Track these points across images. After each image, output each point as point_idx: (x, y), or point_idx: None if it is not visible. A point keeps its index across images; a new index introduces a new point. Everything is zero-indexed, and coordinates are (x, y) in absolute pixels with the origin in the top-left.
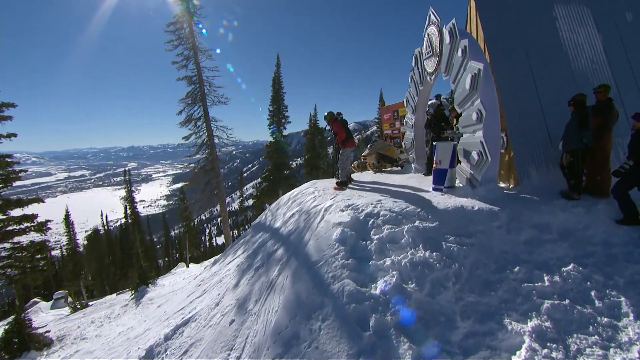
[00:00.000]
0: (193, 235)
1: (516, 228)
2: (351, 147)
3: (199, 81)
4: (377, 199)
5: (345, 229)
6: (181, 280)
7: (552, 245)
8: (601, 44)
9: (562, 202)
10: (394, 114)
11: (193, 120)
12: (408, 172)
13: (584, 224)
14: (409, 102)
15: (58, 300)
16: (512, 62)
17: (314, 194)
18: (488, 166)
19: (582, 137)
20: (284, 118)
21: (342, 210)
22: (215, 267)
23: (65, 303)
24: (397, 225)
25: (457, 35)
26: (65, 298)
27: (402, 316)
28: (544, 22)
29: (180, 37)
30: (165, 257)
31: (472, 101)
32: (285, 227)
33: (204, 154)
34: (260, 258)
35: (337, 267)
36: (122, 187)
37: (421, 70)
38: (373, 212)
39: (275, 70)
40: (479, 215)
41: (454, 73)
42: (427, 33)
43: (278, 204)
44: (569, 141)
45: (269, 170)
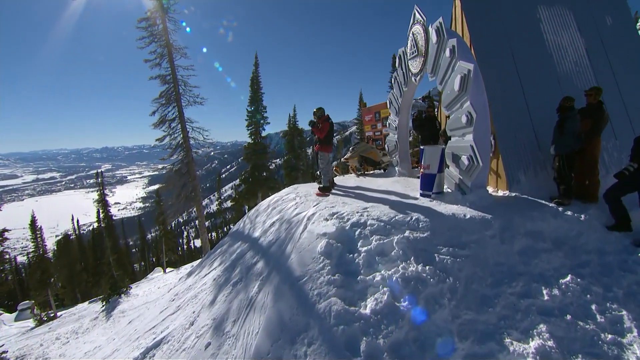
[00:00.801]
0: (170, 239)
1: (510, 237)
2: (327, 152)
3: (173, 80)
4: (363, 206)
5: (330, 241)
6: (156, 289)
7: (547, 255)
8: (584, 47)
9: (553, 208)
10: (376, 115)
11: (167, 121)
12: (392, 175)
13: (577, 230)
14: (392, 103)
15: (23, 311)
16: (498, 64)
17: (296, 201)
18: (479, 172)
19: (565, 141)
20: (262, 119)
21: (326, 220)
22: (190, 279)
23: (31, 314)
24: (386, 235)
25: (444, 35)
26: (31, 309)
27: (396, 338)
28: (529, 23)
29: (153, 33)
30: (142, 261)
31: (461, 103)
32: (265, 237)
33: (179, 157)
34: (238, 272)
35: (323, 283)
36: (95, 189)
37: (405, 70)
38: (360, 222)
39: (254, 70)
40: (472, 224)
41: (441, 74)
42: (411, 32)
43: (257, 211)
44: (555, 145)
45: (248, 172)
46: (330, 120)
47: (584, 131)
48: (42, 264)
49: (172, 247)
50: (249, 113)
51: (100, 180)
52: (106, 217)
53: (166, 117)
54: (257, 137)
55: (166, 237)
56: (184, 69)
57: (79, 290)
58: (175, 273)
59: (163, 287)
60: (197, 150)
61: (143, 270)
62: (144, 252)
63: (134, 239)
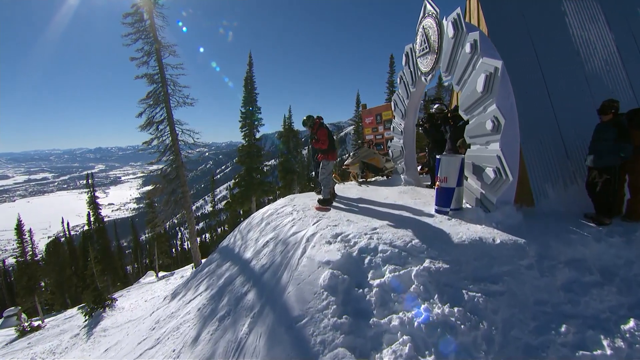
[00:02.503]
0: (162, 242)
1: (549, 267)
2: (332, 160)
3: (161, 80)
4: (372, 225)
5: (335, 272)
6: (143, 303)
7: (598, 290)
8: (614, 44)
9: (592, 229)
10: (377, 118)
11: (155, 123)
12: (397, 184)
13: (625, 258)
14: (398, 105)
15: (9, 318)
16: (519, 61)
17: (293, 216)
18: (507, 186)
19: (619, 150)
20: (256, 120)
21: (328, 243)
22: (173, 304)
23: (17, 321)
24: (402, 265)
25: (463, 28)
26: (17, 315)
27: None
28: (553, 16)
29: (139, 30)
30: (135, 263)
31: (484, 106)
32: (258, 260)
33: (168, 160)
34: (226, 302)
35: (328, 327)
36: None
37: (414, 69)
38: (369, 247)
39: (248, 70)
40: (503, 251)
41: (459, 72)
42: (421, 27)
43: (249, 225)
44: (605, 156)
45: (241, 176)
46: (325, 125)
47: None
48: (29, 269)
49: (165, 250)
50: (243, 114)
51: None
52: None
53: (154, 118)
54: (252, 138)
55: (159, 241)
56: (173, 68)
57: (68, 295)
58: (165, 283)
59: (150, 301)
60: (187, 154)
61: (136, 272)
62: (137, 254)
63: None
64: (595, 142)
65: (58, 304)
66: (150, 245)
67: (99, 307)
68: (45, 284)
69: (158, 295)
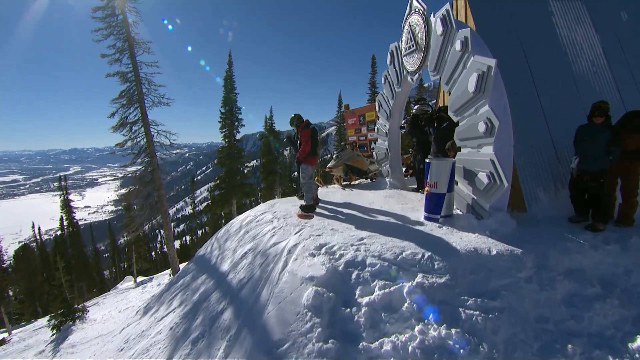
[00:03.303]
0: (141, 246)
1: (549, 280)
2: (311, 165)
3: (135, 78)
4: (358, 235)
5: (319, 289)
6: (116, 314)
7: (600, 304)
8: (600, 45)
9: (588, 236)
10: (360, 119)
11: (128, 124)
12: (381, 186)
13: (624, 267)
14: (382, 106)
15: None
16: (509, 61)
17: (273, 224)
18: (502, 192)
19: (610, 153)
20: (237, 121)
21: (312, 255)
22: (145, 320)
23: None
24: (393, 281)
25: (452, 25)
26: None
27: None
28: (540, 16)
29: (111, 25)
30: (112, 267)
31: (476, 107)
32: (235, 273)
33: (143, 163)
34: (200, 321)
35: (312, 354)
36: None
37: (399, 68)
38: (356, 260)
39: (227, 69)
40: (500, 263)
41: (448, 71)
42: (407, 24)
43: (227, 232)
44: (600, 159)
45: (222, 178)
46: (312, 126)
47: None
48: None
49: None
50: (223, 114)
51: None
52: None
53: (127, 119)
54: (232, 139)
55: (137, 245)
56: (147, 66)
57: (39, 303)
58: (141, 291)
59: (124, 312)
60: (163, 155)
61: (114, 277)
62: (115, 258)
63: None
64: (588, 144)
65: (28, 313)
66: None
67: (68, 320)
68: (13, 292)
69: (133, 305)
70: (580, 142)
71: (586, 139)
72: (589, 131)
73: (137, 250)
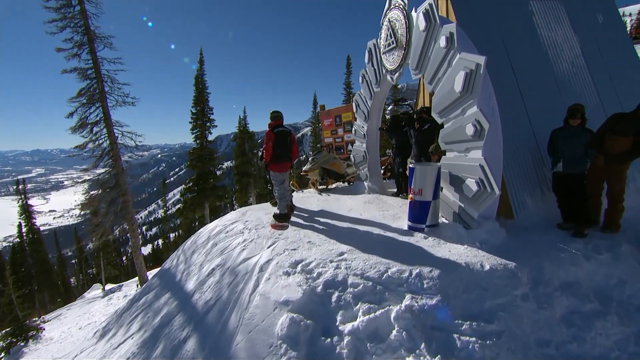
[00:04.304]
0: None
1: (546, 296)
2: (278, 172)
3: (96, 76)
4: (338, 249)
5: (295, 316)
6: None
7: (601, 322)
8: (578, 46)
9: (579, 245)
10: (336, 120)
11: (89, 124)
12: (360, 191)
13: (617, 278)
14: (360, 106)
15: None
16: (492, 60)
17: (244, 236)
18: (492, 200)
19: (588, 156)
20: (209, 121)
21: (286, 274)
22: (101, 345)
23: None
24: (378, 303)
25: (436, 20)
26: None
27: None
28: (521, 15)
29: (67, 16)
30: (80, 274)
31: (463, 108)
32: (201, 294)
33: (106, 167)
34: (160, 351)
35: None
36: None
37: (378, 67)
38: (336, 279)
39: (198, 68)
40: (494, 280)
41: (432, 69)
42: (387, 20)
43: (194, 244)
44: (582, 162)
45: (193, 181)
46: (278, 129)
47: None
48: None
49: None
50: (194, 114)
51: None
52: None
53: (87, 119)
54: (204, 141)
55: (105, 251)
56: (110, 62)
57: None
58: (106, 303)
59: (85, 328)
60: (129, 158)
61: (81, 284)
62: (82, 264)
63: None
64: (568, 147)
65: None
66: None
67: (19, 340)
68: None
69: (95, 320)
70: (560, 145)
71: (566, 142)
72: (568, 134)
73: (105, 257)
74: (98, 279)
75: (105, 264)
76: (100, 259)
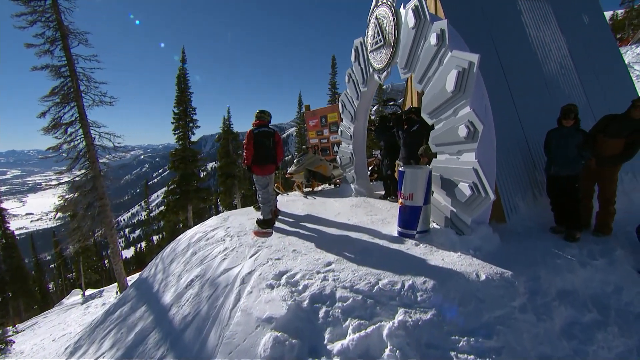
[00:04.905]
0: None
1: (544, 307)
2: (263, 175)
3: (70, 74)
4: (325, 259)
5: (279, 335)
6: (49, 343)
7: (602, 334)
8: (566, 47)
9: (575, 251)
10: (322, 120)
11: (63, 125)
12: (346, 194)
13: (613, 284)
14: (346, 106)
15: None
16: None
17: (225, 244)
18: (486, 205)
19: (582, 157)
20: (191, 122)
21: (270, 287)
22: None
23: None
24: (369, 319)
25: (427, 16)
26: None
27: None
28: (510, 13)
29: (36, 10)
30: (59, 279)
31: (455, 109)
32: (179, 308)
33: (82, 170)
34: None
35: None
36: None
37: (365, 66)
38: (324, 293)
39: (181, 67)
40: (490, 290)
41: (422, 68)
42: (374, 17)
43: (173, 251)
44: (576, 164)
45: (176, 183)
46: (261, 130)
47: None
48: None
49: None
50: (176, 114)
51: None
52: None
53: (61, 119)
54: (186, 142)
55: (84, 255)
56: (85, 60)
57: None
58: (83, 312)
59: (59, 340)
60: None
61: (60, 290)
62: (61, 269)
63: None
64: (561, 148)
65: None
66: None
67: None
68: None
69: (70, 332)
70: (553, 146)
71: (559, 143)
72: (561, 135)
73: (85, 262)
74: (78, 284)
75: (86, 268)
76: (80, 264)
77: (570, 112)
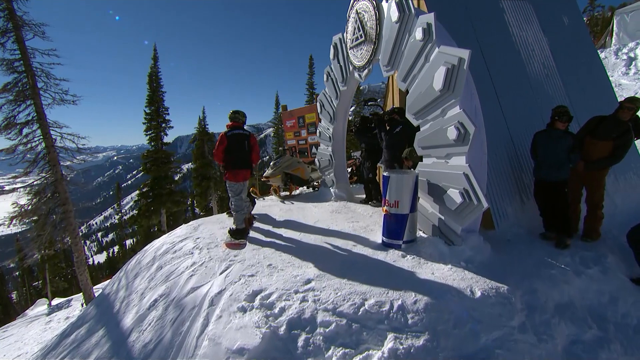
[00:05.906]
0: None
1: (543, 324)
2: (236, 181)
3: (25, 69)
4: (304, 275)
5: None
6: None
7: (605, 353)
8: (548, 47)
9: (568, 259)
10: (299, 121)
11: (18, 125)
12: (326, 198)
13: (609, 294)
14: (325, 106)
15: None
16: None
17: (193, 258)
18: (478, 213)
19: (571, 161)
20: (164, 122)
21: (242, 310)
22: None
23: None
24: (355, 347)
25: (411, 10)
26: None
27: None
28: (493, 11)
29: None
30: (23, 287)
31: (443, 109)
32: (140, 334)
33: (41, 174)
34: None
35: None
36: None
37: (344, 63)
38: (303, 317)
39: (152, 65)
40: (487, 309)
41: (406, 65)
42: (354, 11)
43: (139, 264)
44: (561, 168)
45: (148, 186)
46: (234, 132)
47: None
48: None
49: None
50: (148, 114)
51: None
52: None
53: (16, 119)
54: (159, 143)
55: (50, 263)
56: (43, 54)
57: None
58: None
59: None
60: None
61: (24, 299)
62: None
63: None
64: (551, 152)
65: None
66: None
67: None
68: None
69: (27, 351)
70: (541, 149)
71: (548, 146)
72: (549, 137)
73: (51, 269)
74: (44, 293)
75: (53, 276)
76: (46, 271)
77: (564, 115)
